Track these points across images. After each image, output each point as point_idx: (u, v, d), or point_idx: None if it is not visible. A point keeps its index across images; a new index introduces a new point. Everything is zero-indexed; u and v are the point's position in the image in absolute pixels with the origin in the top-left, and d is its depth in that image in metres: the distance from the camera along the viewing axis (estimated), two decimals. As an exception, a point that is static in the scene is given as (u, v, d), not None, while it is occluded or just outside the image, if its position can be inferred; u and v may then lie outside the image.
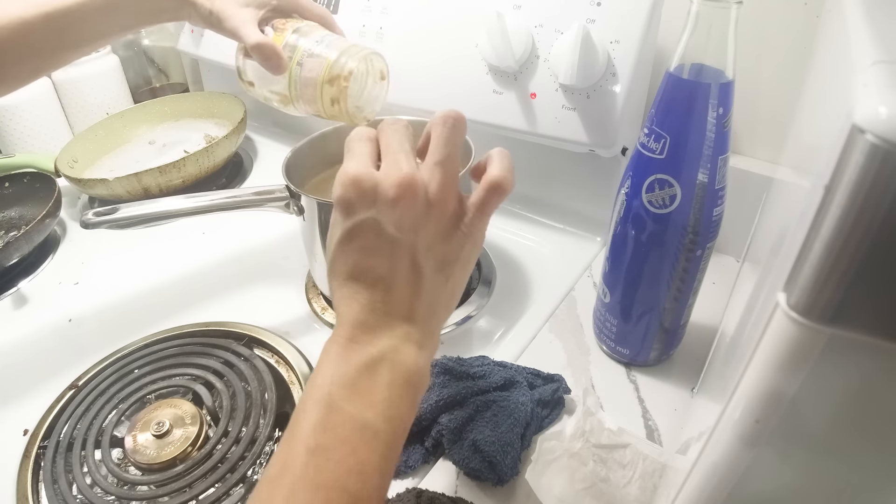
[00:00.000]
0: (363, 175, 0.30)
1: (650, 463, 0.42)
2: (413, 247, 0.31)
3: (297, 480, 0.26)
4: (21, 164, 0.78)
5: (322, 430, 0.27)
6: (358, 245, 0.31)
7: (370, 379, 0.29)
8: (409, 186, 0.30)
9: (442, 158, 0.32)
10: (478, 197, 0.34)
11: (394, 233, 0.30)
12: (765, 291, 0.24)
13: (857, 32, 0.19)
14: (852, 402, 0.17)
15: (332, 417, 0.28)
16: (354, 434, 0.28)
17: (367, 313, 0.30)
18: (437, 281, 0.32)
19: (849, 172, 0.14)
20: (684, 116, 0.38)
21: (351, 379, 0.29)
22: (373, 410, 0.28)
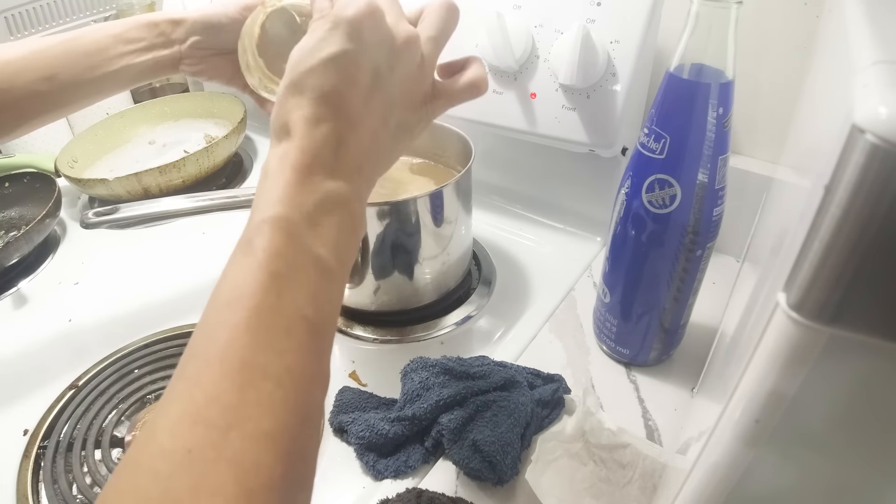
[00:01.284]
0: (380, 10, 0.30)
1: (650, 463, 0.42)
2: (391, 100, 0.32)
3: (260, 304, 0.25)
4: (21, 164, 0.78)
5: (282, 258, 0.27)
6: (349, 72, 0.30)
7: (326, 217, 0.28)
8: (416, 42, 0.31)
9: (437, 35, 0.33)
10: (454, 87, 0.35)
11: (385, 80, 0.31)
12: (765, 291, 0.24)
13: (857, 32, 0.19)
14: (852, 402, 0.17)
15: (291, 246, 0.27)
16: (311, 267, 0.27)
17: (329, 149, 0.29)
18: (391, 141, 0.33)
19: (849, 172, 0.14)
20: (684, 116, 0.38)
21: (310, 213, 0.28)
22: (326, 248, 0.28)
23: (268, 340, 0.25)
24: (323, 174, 0.29)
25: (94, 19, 0.95)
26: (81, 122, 0.88)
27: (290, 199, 0.28)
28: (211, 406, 0.23)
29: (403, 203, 0.50)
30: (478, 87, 0.36)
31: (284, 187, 0.28)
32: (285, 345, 0.25)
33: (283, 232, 0.27)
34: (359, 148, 0.30)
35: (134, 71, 0.50)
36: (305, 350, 0.26)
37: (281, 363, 0.25)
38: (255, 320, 0.25)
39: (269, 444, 0.23)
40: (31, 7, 0.89)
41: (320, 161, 0.29)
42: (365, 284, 0.54)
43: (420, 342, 0.55)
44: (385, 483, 0.43)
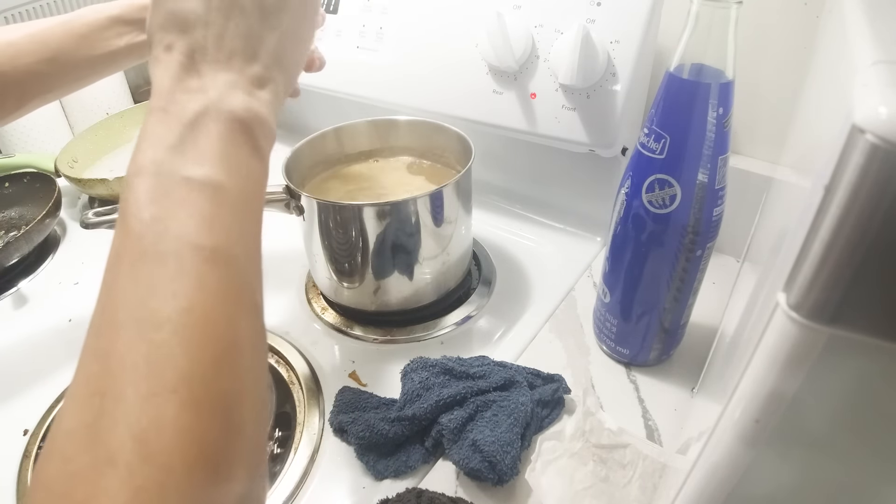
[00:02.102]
0: None
1: (650, 463, 0.42)
2: None
3: (137, 257, 0.23)
4: (21, 164, 0.78)
5: (155, 201, 0.24)
6: None
7: (197, 135, 0.26)
8: None
9: None
10: None
11: None
12: (765, 291, 0.24)
13: (857, 32, 0.19)
14: (852, 402, 0.17)
15: (163, 184, 0.25)
16: (193, 194, 0.25)
17: (183, 69, 0.27)
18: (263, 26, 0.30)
19: (849, 172, 0.14)
20: (684, 116, 0.38)
21: (174, 141, 0.26)
22: (207, 165, 0.25)
23: (154, 285, 0.23)
24: (184, 100, 0.27)
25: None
26: (81, 122, 0.88)
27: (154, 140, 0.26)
28: (106, 372, 0.21)
29: (403, 203, 0.50)
30: None
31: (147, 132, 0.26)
32: (178, 286, 0.23)
33: (148, 175, 0.25)
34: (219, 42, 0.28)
35: (133, 51, 0.50)
36: (208, 283, 0.23)
37: (175, 305, 0.22)
38: (136, 275, 0.23)
39: (171, 397, 0.21)
40: (31, 7, 0.89)
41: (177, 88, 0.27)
42: (365, 284, 0.54)
43: (420, 342, 0.55)
44: (385, 483, 0.43)
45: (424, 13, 0.65)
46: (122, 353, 0.21)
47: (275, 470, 0.44)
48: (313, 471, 0.44)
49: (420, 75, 0.65)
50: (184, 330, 0.22)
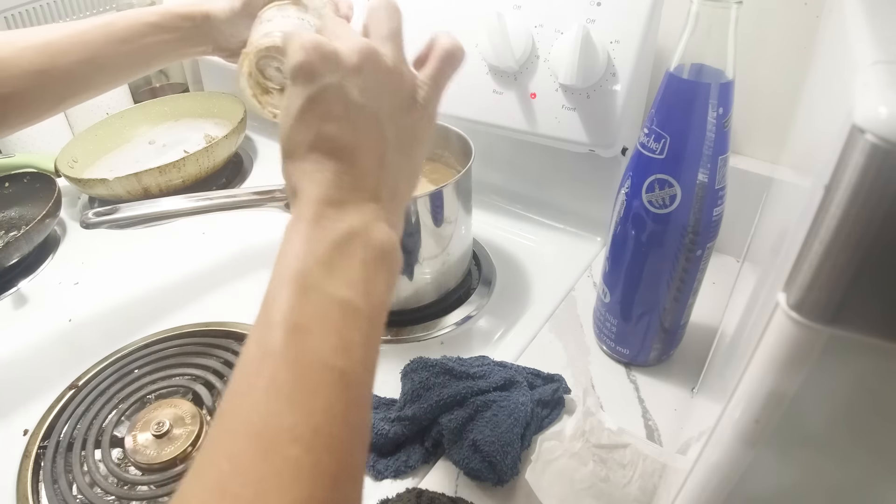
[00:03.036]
0: (323, 41, 0.29)
1: (650, 463, 0.42)
2: (377, 114, 0.30)
3: (279, 362, 0.24)
4: (21, 164, 0.78)
5: (300, 311, 0.26)
6: (322, 111, 0.29)
7: (344, 256, 0.27)
8: (372, 51, 0.30)
9: (390, 32, 0.32)
10: (432, 68, 0.33)
11: (359, 98, 0.29)
12: (765, 291, 0.24)
13: (857, 32, 0.19)
14: (852, 402, 0.17)
15: (310, 297, 0.26)
16: (335, 313, 0.26)
17: (334, 188, 0.29)
18: (400, 156, 0.31)
19: (849, 172, 0.14)
20: (684, 116, 0.38)
21: (325, 257, 0.27)
22: (351, 289, 0.27)
23: (292, 401, 0.24)
24: (333, 216, 0.28)
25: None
26: (81, 122, 0.88)
27: (305, 251, 0.27)
28: (236, 477, 0.22)
29: (403, 203, 0.50)
30: (452, 55, 0.33)
31: (298, 242, 0.28)
32: (313, 404, 0.24)
33: (298, 285, 0.26)
34: (365, 175, 0.30)
35: (167, 57, 0.53)
36: (337, 405, 0.25)
37: (309, 424, 0.23)
38: (278, 380, 0.24)
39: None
40: (31, 7, 0.89)
41: (328, 205, 0.29)
42: (365, 284, 0.54)
43: (420, 342, 0.55)
44: (385, 483, 0.43)
45: (424, 13, 0.65)
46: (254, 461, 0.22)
47: (275, 470, 0.44)
48: (313, 471, 0.44)
49: (420, 75, 0.65)
50: (316, 450, 0.23)
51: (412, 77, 0.33)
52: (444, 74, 0.33)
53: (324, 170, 0.29)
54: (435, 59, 0.33)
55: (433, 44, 0.34)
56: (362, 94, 0.29)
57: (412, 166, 0.33)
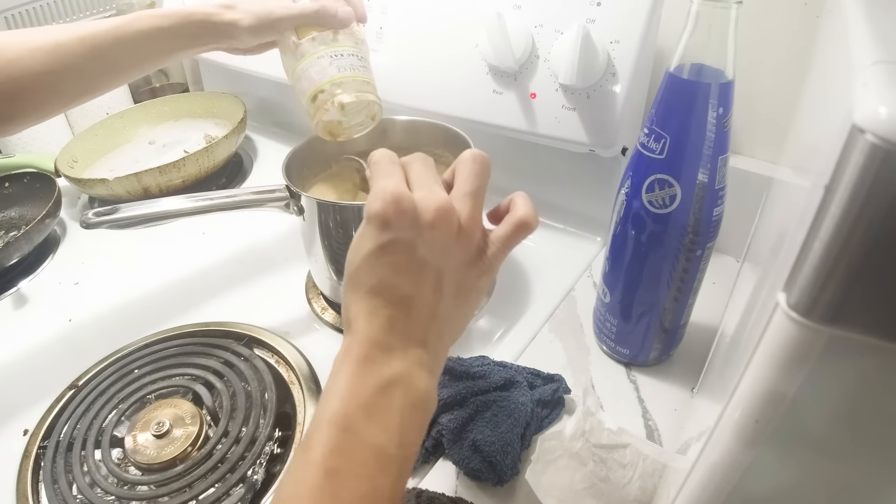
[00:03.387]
0: (404, 195, 0.30)
1: (650, 463, 0.42)
2: (440, 271, 0.31)
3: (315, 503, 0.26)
4: (21, 164, 0.78)
5: (338, 454, 0.27)
6: (389, 261, 0.30)
7: (385, 402, 0.29)
8: (447, 212, 0.31)
9: (473, 190, 0.34)
10: (504, 232, 0.35)
11: (426, 255, 0.31)
12: (765, 291, 0.24)
13: (857, 32, 0.19)
14: (852, 402, 0.17)
15: (348, 440, 0.28)
16: (369, 458, 0.28)
17: (386, 333, 0.30)
18: (454, 306, 0.33)
19: (849, 172, 0.14)
20: (684, 116, 0.38)
21: (366, 401, 0.29)
22: (387, 435, 0.28)
23: None
24: (381, 360, 0.30)
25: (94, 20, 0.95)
26: (81, 122, 0.88)
27: (349, 392, 0.29)
28: None
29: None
30: (527, 225, 0.35)
31: (343, 381, 0.29)
32: None
33: (338, 427, 0.28)
34: (417, 325, 0.31)
35: (177, 58, 0.54)
36: None
37: None
38: None
39: None
40: (31, 7, 0.89)
41: (377, 348, 0.30)
42: (365, 284, 0.54)
43: (420, 342, 0.55)
44: (385, 483, 0.43)
45: (424, 13, 0.65)
46: None
47: (275, 470, 0.44)
48: (313, 471, 0.44)
49: (420, 75, 0.65)
50: None
51: (483, 236, 0.34)
52: (514, 240, 0.35)
53: (379, 314, 0.31)
54: (510, 225, 0.35)
55: (512, 205, 0.36)
56: (431, 251, 0.31)
57: (463, 314, 0.35)
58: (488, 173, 0.35)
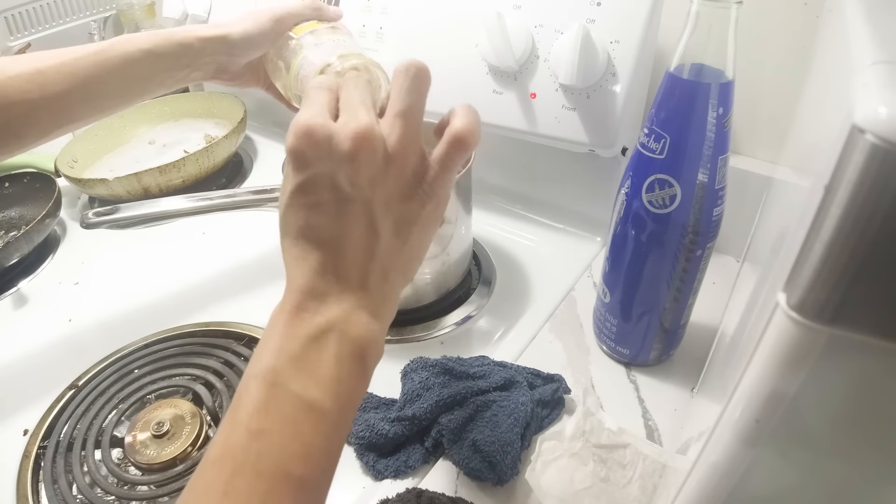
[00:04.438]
0: (317, 125, 0.28)
1: (650, 463, 0.42)
2: (369, 205, 0.29)
3: (239, 466, 0.25)
4: (21, 164, 0.78)
5: (265, 412, 0.26)
6: (309, 201, 0.29)
7: (317, 353, 0.27)
8: (367, 138, 0.28)
9: (404, 108, 0.30)
10: (440, 152, 0.31)
11: (349, 189, 0.28)
12: (765, 291, 0.24)
13: (857, 32, 0.19)
14: (852, 402, 0.17)
15: (276, 397, 0.26)
16: (299, 415, 0.26)
17: (317, 278, 0.28)
18: (394, 244, 0.30)
19: (849, 172, 0.14)
20: (684, 116, 0.38)
21: (296, 353, 0.27)
22: (319, 388, 0.27)
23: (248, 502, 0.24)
24: (313, 308, 0.28)
25: (94, 19, 0.95)
26: (81, 122, 0.88)
27: (279, 344, 0.27)
28: None
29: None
30: (462, 141, 0.31)
31: (275, 334, 0.28)
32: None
33: (266, 383, 0.26)
34: (351, 267, 0.29)
35: (163, 84, 0.51)
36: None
37: None
38: (233, 484, 0.24)
39: None
40: (31, 7, 0.89)
41: (308, 295, 0.28)
42: (365, 284, 0.54)
43: (420, 342, 0.55)
44: (385, 483, 0.43)
45: (424, 13, 0.65)
46: None
47: (275, 470, 0.44)
48: (313, 471, 0.44)
49: (420, 75, 0.65)
50: None
51: (421, 160, 0.31)
52: (453, 160, 0.31)
53: (308, 258, 0.29)
54: (444, 143, 0.31)
55: (449, 120, 0.32)
56: (354, 185, 0.28)
57: (410, 252, 0.32)
58: (425, 86, 0.31)
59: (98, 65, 0.47)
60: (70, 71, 0.46)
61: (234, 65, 0.53)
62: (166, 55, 0.49)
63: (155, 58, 0.49)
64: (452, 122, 0.31)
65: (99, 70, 0.47)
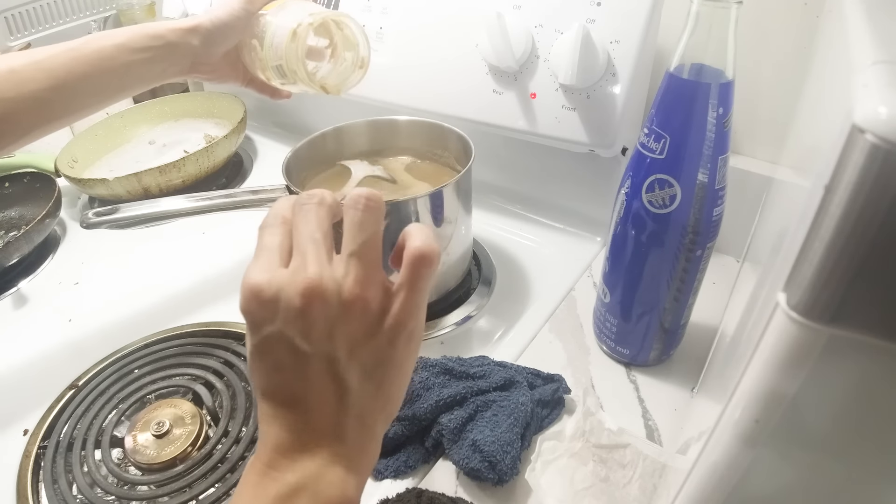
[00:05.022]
0: (262, 284, 0.27)
1: (650, 463, 0.42)
2: (330, 358, 0.27)
3: None
4: (21, 164, 0.78)
5: None
6: (268, 362, 0.27)
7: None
8: (318, 292, 0.26)
9: (357, 247, 0.28)
10: (405, 277, 0.29)
11: (306, 346, 0.27)
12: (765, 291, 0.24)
13: (857, 32, 0.19)
14: (852, 402, 0.17)
15: None
16: None
17: (287, 435, 0.27)
18: (367, 389, 0.28)
19: (849, 172, 0.14)
20: (684, 116, 0.38)
21: None
22: None
23: None
24: (284, 466, 0.27)
25: (94, 19, 0.95)
26: (81, 122, 0.88)
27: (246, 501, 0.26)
28: None
29: (403, 203, 0.50)
30: (425, 257, 0.28)
31: (246, 493, 0.27)
32: None
33: None
34: (321, 422, 0.28)
35: (141, 79, 0.51)
36: None
37: None
38: None
39: None
40: (31, 7, 0.89)
41: (280, 452, 0.27)
42: (365, 284, 0.54)
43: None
44: (385, 483, 0.43)
45: (424, 13, 0.65)
46: None
47: (275, 470, 0.44)
48: (313, 471, 0.44)
49: (420, 75, 0.65)
50: None
51: (381, 296, 0.29)
52: (420, 280, 0.29)
53: (278, 416, 0.27)
54: (406, 265, 0.29)
55: (406, 239, 0.29)
56: (308, 340, 0.27)
57: (388, 392, 0.30)
58: (378, 217, 0.29)
59: (71, 62, 0.47)
60: (46, 68, 0.46)
61: (210, 55, 0.52)
62: (139, 49, 0.49)
63: (128, 52, 0.48)
64: (409, 244, 0.29)
65: (74, 66, 0.47)
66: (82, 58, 0.47)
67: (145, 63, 0.49)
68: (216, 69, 0.55)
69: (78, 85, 0.47)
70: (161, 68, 0.51)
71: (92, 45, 0.47)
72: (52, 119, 0.48)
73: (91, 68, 0.47)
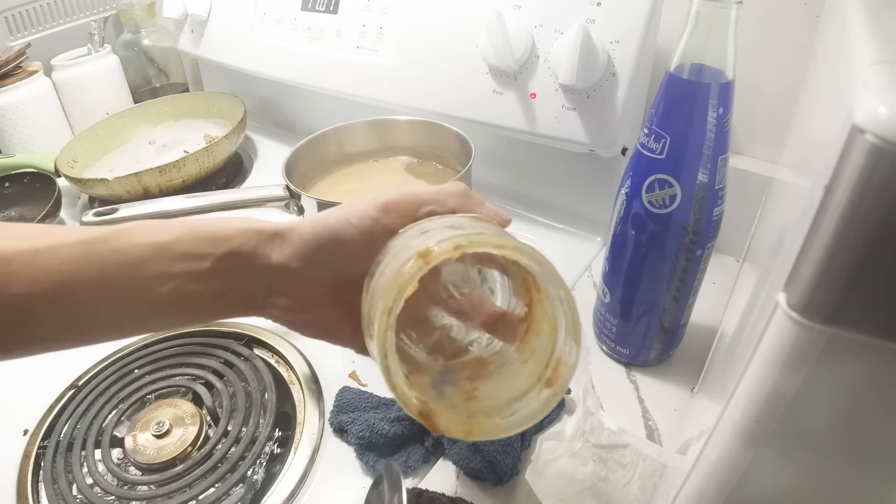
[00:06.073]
0: None
1: (650, 463, 0.42)
2: None
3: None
4: (21, 164, 0.78)
5: None
6: None
7: None
8: None
9: None
10: None
11: None
12: (765, 291, 0.24)
13: (857, 32, 0.19)
14: (852, 402, 0.17)
15: None
16: None
17: None
18: None
19: (849, 172, 0.14)
20: (684, 116, 0.38)
21: None
22: None
23: None
24: None
25: (94, 19, 0.95)
26: (81, 122, 0.88)
27: None
28: None
29: (403, 203, 0.50)
30: None
31: None
32: None
33: None
34: None
35: (181, 307, 0.31)
36: None
37: None
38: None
39: None
40: (31, 7, 0.89)
41: None
42: (365, 284, 0.54)
43: (420, 342, 0.55)
44: (385, 483, 0.43)
45: (424, 13, 0.65)
46: None
47: (275, 470, 0.44)
48: (313, 471, 0.44)
49: (420, 75, 0.65)
50: None
51: None
52: None
53: None
54: None
55: None
56: None
57: None
58: None
59: (83, 258, 0.29)
60: (42, 264, 0.28)
61: (299, 284, 0.32)
62: (189, 255, 0.30)
63: (171, 258, 0.30)
64: None
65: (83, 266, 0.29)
66: (97, 255, 0.29)
67: (193, 279, 0.30)
68: (309, 307, 0.33)
69: (82, 296, 0.30)
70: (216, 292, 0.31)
71: (115, 242, 0.30)
72: (35, 341, 0.32)
73: (106, 274, 0.29)
